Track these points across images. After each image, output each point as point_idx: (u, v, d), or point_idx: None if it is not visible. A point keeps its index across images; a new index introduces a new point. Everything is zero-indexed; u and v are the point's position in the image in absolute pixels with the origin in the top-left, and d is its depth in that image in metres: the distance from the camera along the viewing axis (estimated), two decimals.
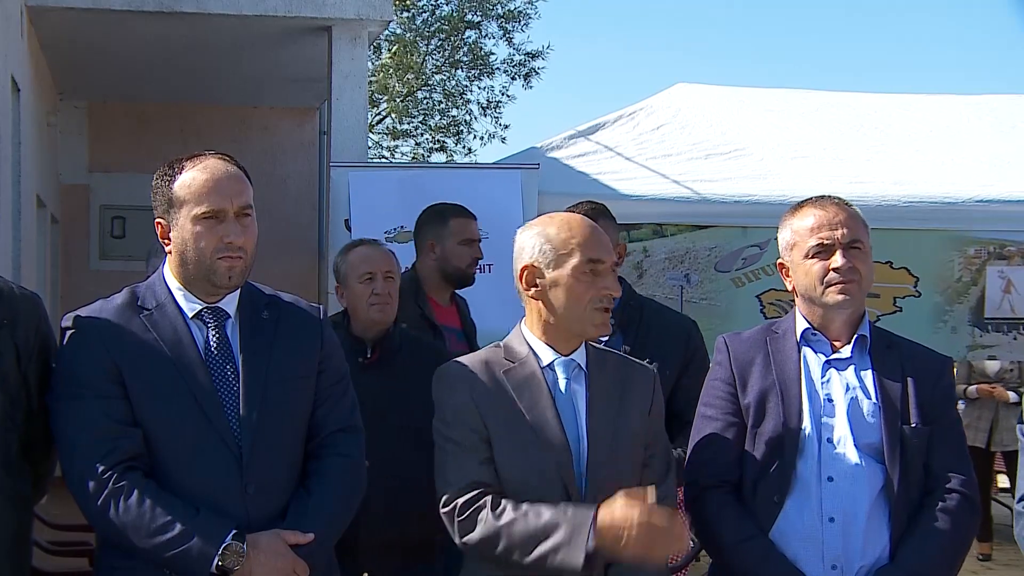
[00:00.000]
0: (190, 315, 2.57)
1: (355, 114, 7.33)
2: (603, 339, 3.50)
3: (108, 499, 2.41)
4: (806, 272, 2.73)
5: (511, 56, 18.44)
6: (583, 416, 2.57)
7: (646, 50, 44.67)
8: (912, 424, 2.67)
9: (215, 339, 2.57)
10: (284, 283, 3.00)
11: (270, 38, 7.75)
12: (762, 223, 5.58)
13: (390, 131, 19.51)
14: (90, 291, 3.15)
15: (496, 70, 18.60)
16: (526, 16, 18.19)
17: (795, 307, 2.83)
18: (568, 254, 2.56)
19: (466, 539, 2.50)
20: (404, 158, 19.37)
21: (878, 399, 2.68)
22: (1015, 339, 6.28)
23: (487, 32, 18.31)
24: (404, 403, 3.45)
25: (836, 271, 2.68)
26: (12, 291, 2.57)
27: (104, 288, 2.86)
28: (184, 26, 7.42)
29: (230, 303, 2.61)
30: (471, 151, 19.13)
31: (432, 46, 18.22)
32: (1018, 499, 2.73)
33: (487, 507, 2.47)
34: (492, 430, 2.54)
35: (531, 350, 2.61)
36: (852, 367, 2.73)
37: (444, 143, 19.32)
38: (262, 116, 10.60)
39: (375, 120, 18.11)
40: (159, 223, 2.58)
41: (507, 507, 2.46)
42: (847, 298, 2.69)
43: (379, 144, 19.31)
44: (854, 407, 2.68)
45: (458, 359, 2.69)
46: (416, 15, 17.73)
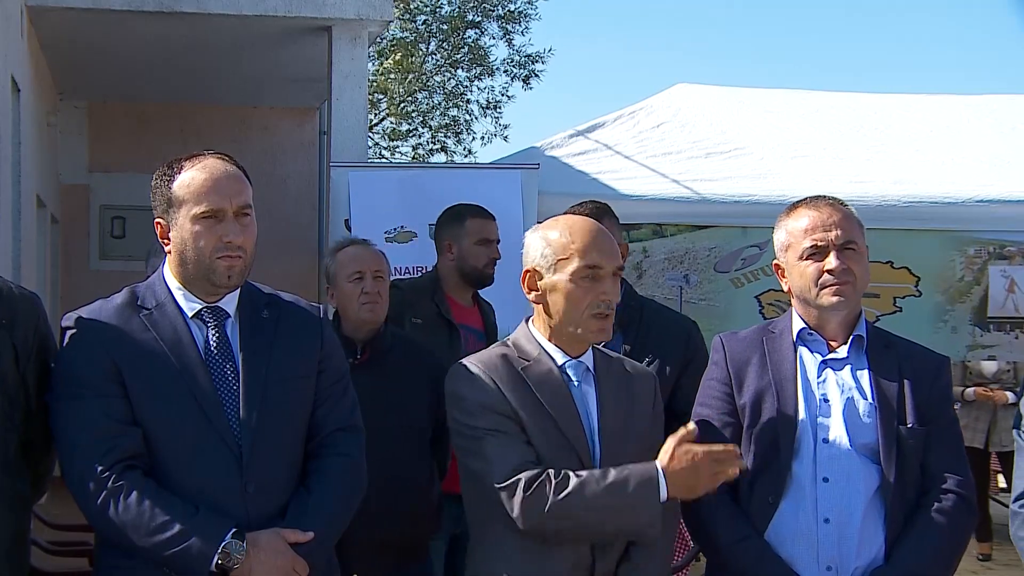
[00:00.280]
0: (190, 315, 2.57)
1: (355, 114, 7.33)
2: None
3: (107, 498, 2.42)
4: (801, 274, 2.72)
5: (511, 57, 18.45)
6: (595, 417, 2.59)
7: (646, 50, 44.71)
8: (908, 424, 2.66)
9: (215, 339, 2.57)
10: (284, 283, 3.00)
11: (270, 38, 7.75)
12: (762, 223, 5.55)
13: (389, 132, 19.51)
14: (90, 291, 3.15)
15: (496, 70, 18.61)
16: (526, 17, 18.19)
17: (791, 307, 2.82)
18: (567, 259, 2.56)
19: (534, 513, 2.44)
20: (404, 159, 19.38)
21: (874, 399, 2.68)
22: (1016, 338, 6.28)
23: (488, 32, 18.32)
24: (395, 403, 3.45)
25: (830, 273, 2.67)
26: (11, 291, 2.57)
27: (104, 288, 2.86)
28: (184, 26, 7.42)
29: (230, 302, 2.61)
30: (471, 152, 19.15)
31: (432, 46, 18.22)
32: (1014, 499, 2.72)
33: (552, 481, 2.45)
34: (523, 418, 2.53)
35: (543, 350, 2.62)
36: (848, 367, 2.73)
37: (444, 143, 19.32)
38: (262, 116, 10.60)
39: (375, 120, 18.10)
40: (158, 223, 2.59)
41: (571, 476, 2.46)
42: (841, 300, 2.68)
43: (379, 144, 19.32)
44: (850, 407, 2.68)
45: (476, 355, 2.68)
46: (417, 15, 17.72)
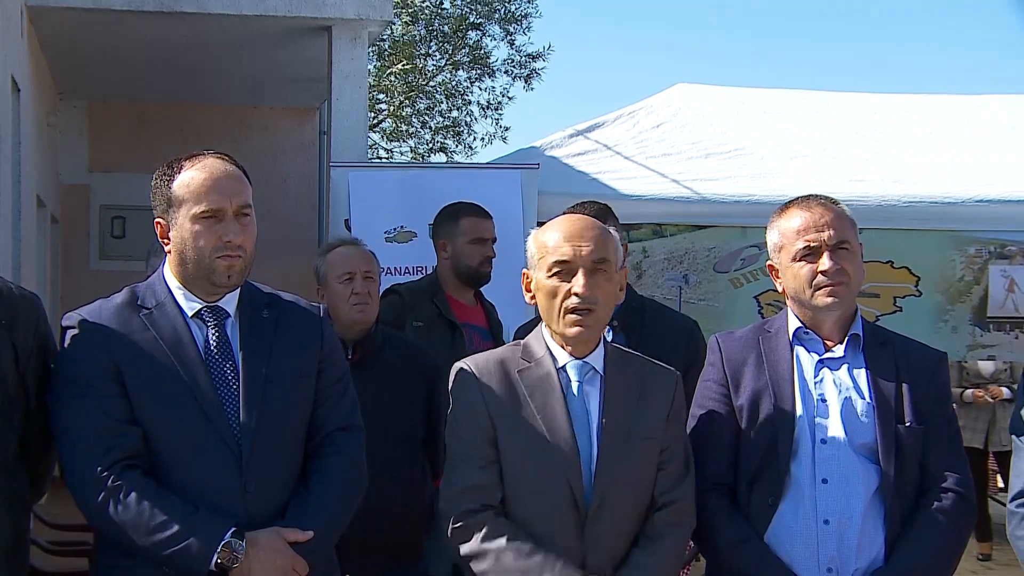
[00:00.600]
0: (190, 314, 2.57)
1: (355, 114, 7.33)
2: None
3: (107, 498, 2.42)
4: (794, 275, 2.71)
5: (512, 57, 18.44)
6: (595, 419, 2.57)
7: (646, 50, 44.69)
8: (907, 423, 2.65)
9: (215, 338, 2.57)
10: (284, 283, 3.00)
11: (270, 38, 7.75)
12: (761, 223, 5.50)
13: (388, 133, 19.50)
14: (90, 291, 3.15)
15: (497, 71, 18.60)
16: (528, 18, 18.17)
17: (787, 306, 2.81)
18: (543, 257, 2.59)
19: (457, 545, 2.55)
20: (404, 159, 19.36)
21: (872, 398, 2.67)
22: (1016, 338, 6.28)
23: (489, 33, 18.30)
24: (387, 403, 3.45)
25: (824, 274, 2.67)
26: (11, 291, 2.57)
27: (104, 288, 2.86)
28: (184, 26, 7.42)
29: (230, 302, 2.61)
30: (471, 149, 19.14)
31: (432, 47, 18.20)
32: (1011, 498, 2.71)
33: (485, 527, 2.50)
34: (499, 429, 2.57)
35: (548, 351, 2.62)
36: (846, 366, 2.72)
37: (444, 144, 19.31)
38: (262, 116, 10.60)
39: (375, 121, 18.10)
40: (158, 223, 2.59)
41: (503, 534, 2.49)
42: (836, 300, 2.68)
43: (379, 144, 19.31)
44: (848, 407, 2.67)
45: (475, 356, 2.71)
46: (418, 17, 17.70)
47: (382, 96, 17.82)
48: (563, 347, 2.61)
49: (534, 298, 2.64)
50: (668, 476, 2.60)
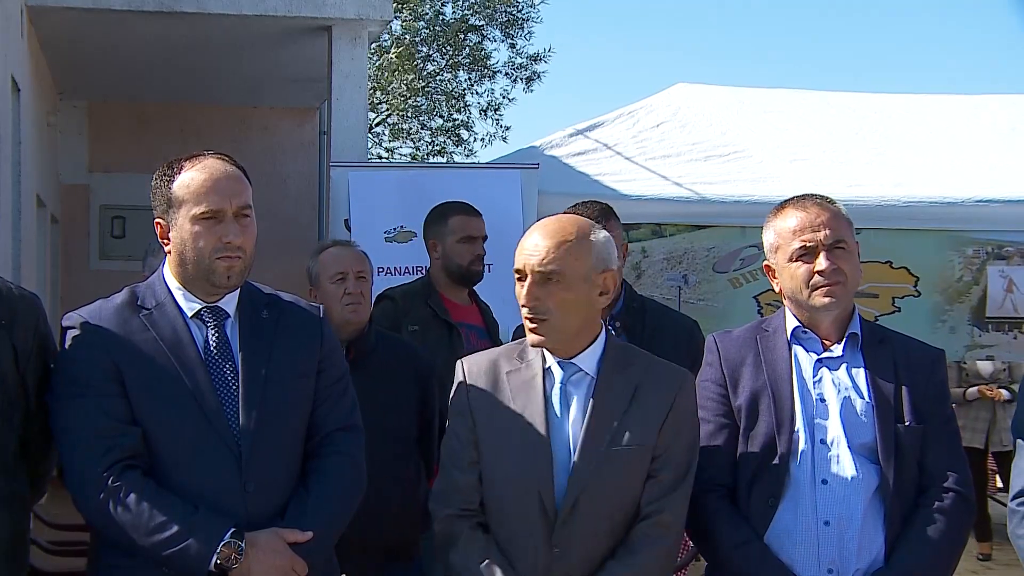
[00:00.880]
0: (189, 314, 2.57)
1: (355, 114, 7.34)
2: None
3: (107, 498, 2.42)
4: (791, 275, 2.70)
5: (512, 60, 18.44)
6: (577, 423, 2.53)
7: (646, 50, 44.66)
8: (906, 423, 2.64)
9: (214, 338, 2.57)
10: (284, 283, 3.00)
11: (270, 38, 7.75)
12: (761, 223, 5.53)
13: (390, 129, 19.50)
14: (90, 291, 3.15)
15: (497, 72, 18.59)
16: (528, 21, 18.17)
17: (784, 305, 2.80)
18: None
19: (439, 544, 2.61)
20: (404, 160, 19.35)
21: (871, 398, 2.66)
22: (1015, 338, 6.28)
23: (490, 36, 18.29)
24: (381, 402, 3.45)
25: (820, 274, 2.65)
26: (11, 291, 2.57)
27: (104, 288, 2.86)
28: (184, 26, 7.42)
29: (229, 302, 2.62)
30: (472, 152, 19.13)
31: (433, 49, 18.19)
32: (1012, 497, 2.70)
33: (462, 535, 2.54)
34: (480, 431, 2.58)
35: (540, 352, 2.61)
36: (844, 365, 2.71)
37: (444, 145, 19.30)
38: (262, 116, 10.60)
39: (375, 121, 18.09)
40: (158, 223, 2.59)
41: (476, 546, 2.52)
42: (833, 300, 2.67)
43: (379, 144, 19.31)
44: (847, 407, 2.66)
45: (475, 355, 2.72)
46: (418, 18, 17.69)
47: (381, 95, 17.80)
48: (552, 349, 2.59)
49: None
50: (656, 485, 2.52)
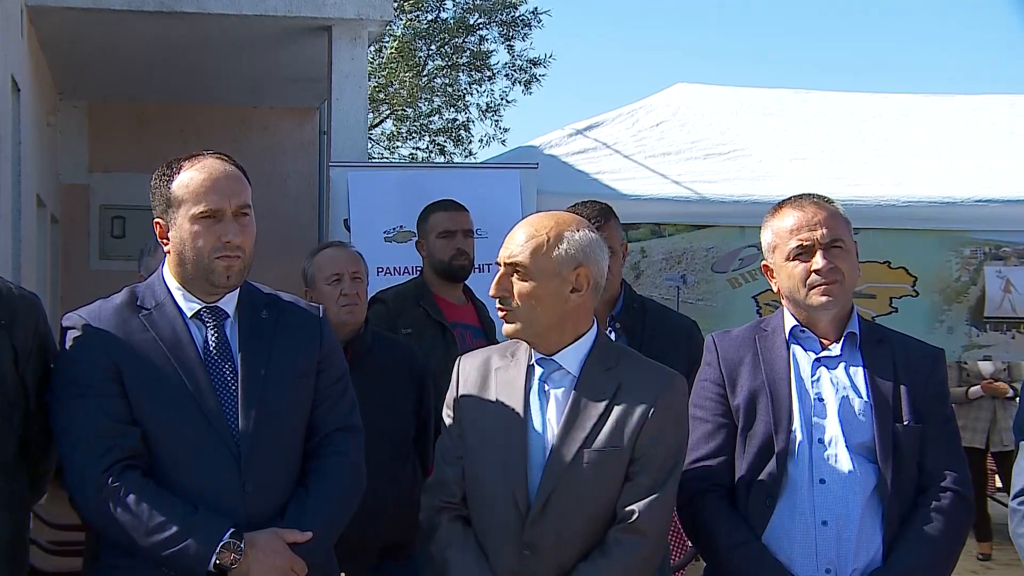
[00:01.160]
0: (189, 315, 2.58)
1: (355, 114, 7.34)
2: None
3: (107, 498, 2.43)
4: (788, 274, 2.71)
5: (512, 62, 18.44)
6: (554, 421, 2.53)
7: (646, 50, 44.70)
8: (905, 422, 2.64)
9: (214, 338, 2.58)
10: (284, 283, 3.01)
11: (270, 38, 7.76)
12: (760, 223, 5.55)
13: (389, 134, 19.50)
14: (90, 291, 3.16)
15: (497, 74, 18.58)
16: (528, 24, 18.15)
17: (783, 305, 2.80)
18: None
19: (421, 535, 2.67)
20: (403, 160, 19.34)
21: (870, 397, 2.66)
22: (1013, 338, 6.29)
23: (488, 38, 18.29)
24: (378, 403, 3.45)
25: (818, 273, 2.66)
26: (10, 291, 2.57)
27: (104, 288, 2.87)
28: (184, 26, 7.42)
29: (229, 303, 2.62)
30: (471, 154, 19.12)
31: (432, 49, 18.19)
32: (1013, 496, 2.70)
33: (440, 527, 2.59)
34: (464, 426, 2.62)
35: (530, 350, 2.62)
36: (843, 365, 2.71)
37: (444, 146, 19.30)
38: (262, 116, 10.60)
39: (374, 122, 18.08)
40: (158, 223, 2.60)
41: (452, 538, 2.56)
42: (830, 299, 2.67)
43: (379, 143, 19.30)
44: (845, 407, 2.66)
45: (473, 352, 2.75)
46: (418, 19, 17.68)
47: (382, 96, 17.80)
48: (535, 344, 2.60)
49: None
50: (632, 488, 2.49)
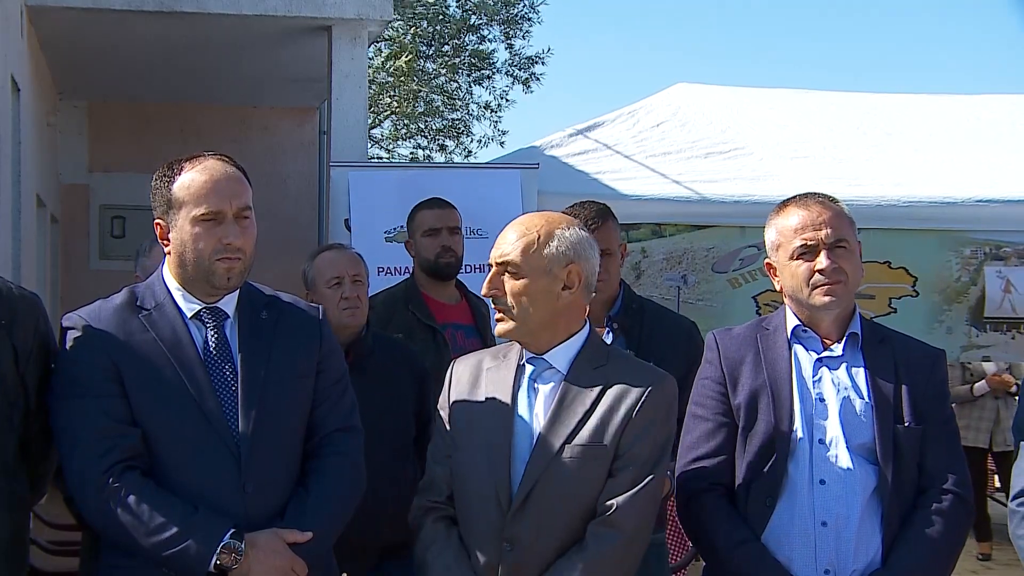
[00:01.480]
0: (189, 315, 2.58)
1: (355, 114, 7.34)
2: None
3: (107, 498, 2.43)
4: (792, 274, 2.71)
5: (511, 60, 18.43)
6: (541, 417, 2.55)
7: (646, 50, 44.63)
8: (905, 423, 2.64)
9: (214, 339, 2.58)
10: (284, 283, 3.01)
11: (270, 38, 7.76)
12: (760, 223, 5.52)
13: (389, 135, 19.50)
14: (90, 291, 3.16)
15: (497, 73, 18.59)
16: (528, 20, 18.15)
17: (785, 304, 2.80)
18: None
19: (412, 532, 2.69)
20: (403, 160, 19.34)
21: (871, 398, 2.65)
22: (1013, 339, 6.29)
23: (488, 37, 18.29)
24: (380, 405, 3.46)
25: (821, 273, 2.66)
26: (11, 291, 2.57)
27: (104, 288, 2.87)
28: (184, 26, 7.42)
29: (229, 303, 2.62)
30: (471, 153, 19.12)
31: (432, 50, 18.19)
32: (1012, 497, 2.70)
33: (424, 527, 2.63)
34: (454, 426, 2.63)
35: (521, 350, 2.63)
36: (844, 365, 2.71)
37: (444, 145, 19.30)
38: (262, 116, 10.61)
39: (374, 122, 18.09)
40: (158, 224, 2.60)
41: (435, 537, 2.60)
42: (833, 299, 2.67)
43: (379, 144, 19.30)
44: (846, 407, 2.66)
45: (470, 355, 2.76)
46: (419, 21, 17.68)
47: (381, 96, 17.80)
48: (525, 344, 2.62)
49: None
50: (613, 483, 2.50)
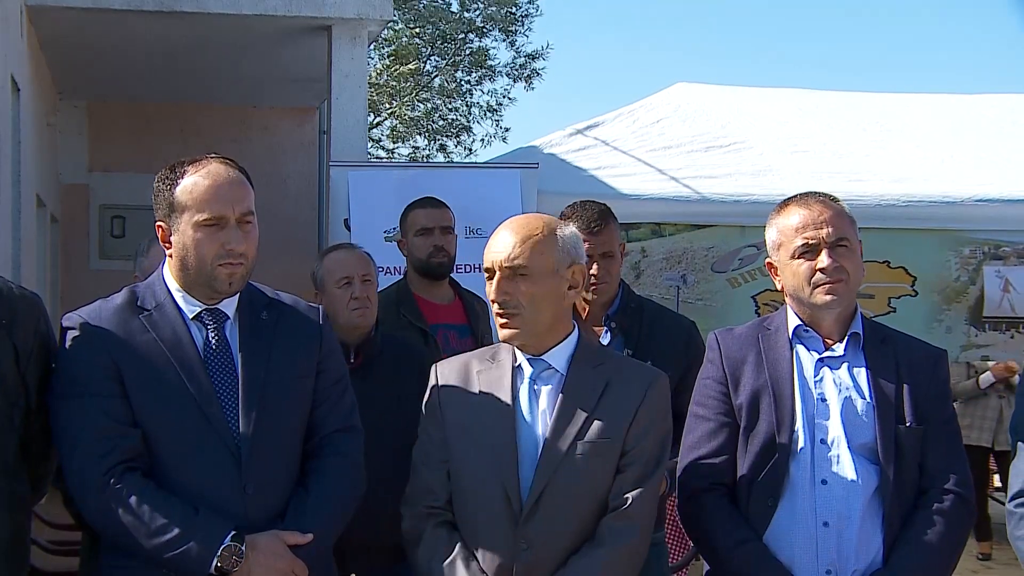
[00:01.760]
0: (190, 316, 2.58)
1: (355, 114, 7.35)
2: (605, 343, 3.51)
3: (108, 499, 2.43)
4: (793, 273, 2.70)
5: (513, 59, 18.45)
6: (545, 418, 2.54)
7: (646, 50, 44.66)
8: (907, 423, 2.63)
9: (214, 340, 2.58)
10: (284, 283, 3.01)
11: (270, 38, 7.76)
12: (760, 223, 5.52)
13: (390, 135, 19.50)
14: (90, 291, 3.16)
15: (498, 73, 18.59)
16: (529, 17, 18.16)
17: (786, 303, 2.80)
18: None
19: (406, 543, 2.62)
20: (403, 160, 19.34)
21: (872, 398, 2.65)
22: (1012, 338, 6.30)
23: (489, 36, 18.29)
24: (389, 405, 3.45)
25: (823, 272, 2.65)
26: (11, 291, 2.57)
27: (104, 288, 2.87)
28: (184, 26, 7.43)
29: (229, 305, 2.62)
30: (471, 152, 19.13)
31: (433, 50, 18.20)
32: (1010, 498, 2.70)
33: (425, 533, 2.57)
34: (449, 430, 2.60)
35: (512, 350, 2.62)
36: (846, 365, 2.70)
37: (444, 145, 19.31)
38: (262, 116, 10.61)
39: (374, 122, 18.09)
40: (160, 226, 2.59)
41: (438, 543, 2.54)
42: (834, 298, 2.66)
43: (379, 144, 19.30)
44: (848, 407, 2.65)
45: (451, 358, 2.73)
46: (419, 22, 17.68)
47: (381, 96, 17.80)
48: (522, 347, 2.60)
49: None
50: (623, 479, 2.52)
